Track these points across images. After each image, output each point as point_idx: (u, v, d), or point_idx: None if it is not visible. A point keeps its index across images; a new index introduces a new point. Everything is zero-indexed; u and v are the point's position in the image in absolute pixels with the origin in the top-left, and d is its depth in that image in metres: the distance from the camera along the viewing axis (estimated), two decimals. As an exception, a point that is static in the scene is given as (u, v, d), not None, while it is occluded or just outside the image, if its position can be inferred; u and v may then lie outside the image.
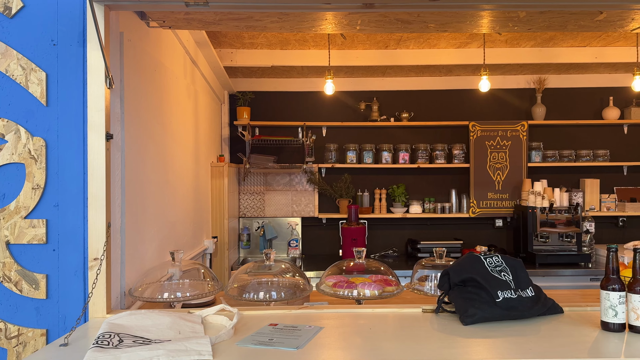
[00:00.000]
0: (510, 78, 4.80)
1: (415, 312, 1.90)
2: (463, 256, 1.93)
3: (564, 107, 4.81)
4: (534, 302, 1.79)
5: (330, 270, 2.31)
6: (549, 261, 4.09)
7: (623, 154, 4.77)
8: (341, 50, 4.11)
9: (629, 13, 2.39)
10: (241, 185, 4.73)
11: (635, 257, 1.60)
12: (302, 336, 1.56)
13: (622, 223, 4.72)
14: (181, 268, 2.24)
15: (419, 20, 2.44)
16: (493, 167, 4.64)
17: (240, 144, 4.65)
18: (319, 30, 2.60)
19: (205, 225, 3.72)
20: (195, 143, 3.41)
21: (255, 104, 4.74)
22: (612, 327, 1.61)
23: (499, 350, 1.48)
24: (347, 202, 4.66)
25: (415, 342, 1.54)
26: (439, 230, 4.82)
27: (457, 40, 3.94)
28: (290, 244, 4.66)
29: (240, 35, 3.77)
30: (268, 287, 2.17)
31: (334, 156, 4.68)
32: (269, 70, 4.43)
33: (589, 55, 4.15)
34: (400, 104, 4.83)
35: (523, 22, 2.51)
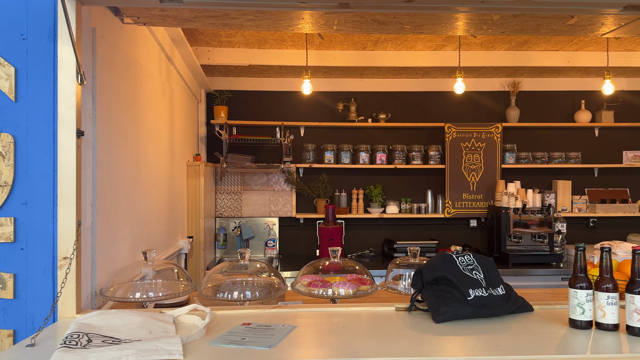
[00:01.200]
0: (485, 81, 4.87)
1: (388, 311, 1.92)
2: (436, 255, 1.95)
3: (537, 110, 4.90)
4: (505, 300, 1.82)
5: (306, 269, 2.31)
6: (522, 261, 4.16)
7: (594, 156, 4.89)
8: (319, 50, 4.11)
9: (599, 18, 2.45)
10: (218, 185, 4.69)
11: (602, 256, 1.64)
12: (275, 335, 1.55)
13: (592, 224, 4.84)
14: (154, 268, 2.21)
15: (395, 21, 2.46)
16: (468, 168, 4.70)
17: (217, 143, 4.61)
18: (296, 29, 2.60)
19: (180, 224, 3.68)
20: (170, 141, 3.37)
21: (233, 103, 4.71)
22: (580, 324, 1.64)
23: (469, 348, 1.50)
24: (325, 202, 4.66)
25: (388, 340, 1.55)
26: (415, 231, 4.87)
27: (434, 42, 3.98)
28: (267, 244, 4.64)
29: (218, 34, 3.74)
30: (242, 287, 2.15)
31: (311, 156, 4.68)
32: (246, 69, 4.41)
33: (561, 59, 4.23)
34: (377, 105, 4.86)
35: (497, 25, 2.55)
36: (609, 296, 1.60)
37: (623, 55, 4.23)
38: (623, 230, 4.80)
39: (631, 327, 1.58)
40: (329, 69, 4.43)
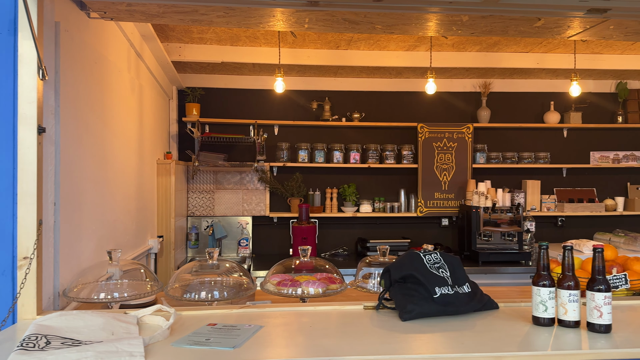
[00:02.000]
0: (457, 81, 4.93)
1: (356, 309, 1.92)
2: (404, 254, 1.96)
3: (507, 110, 4.98)
4: (470, 298, 1.84)
5: (275, 268, 2.29)
6: (492, 259, 4.23)
7: (563, 156, 4.99)
8: (292, 49, 4.10)
9: (565, 20, 2.50)
10: (190, 184, 4.64)
11: (565, 255, 1.67)
12: (241, 335, 1.53)
13: (561, 223, 4.94)
14: (121, 268, 2.17)
15: (366, 21, 2.46)
16: (440, 167, 4.75)
17: (189, 141, 4.56)
18: (267, 26, 2.58)
19: (149, 224, 3.62)
20: (139, 139, 3.31)
21: (205, 101, 4.65)
22: (543, 321, 1.67)
23: (434, 345, 1.51)
24: (299, 201, 4.65)
25: (354, 338, 1.55)
26: (388, 230, 4.89)
27: (406, 42, 4.01)
28: (240, 243, 4.60)
29: (189, 30, 3.69)
30: (210, 287, 2.12)
31: (285, 155, 4.66)
32: (219, 67, 4.36)
33: (531, 61, 4.31)
34: (351, 104, 4.87)
35: (466, 26, 2.58)
36: (570, 294, 1.64)
37: (590, 57, 4.33)
38: (590, 229, 4.92)
39: (591, 324, 1.62)
40: (303, 68, 4.42)
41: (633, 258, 2.25)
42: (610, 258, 2.27)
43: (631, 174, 5.04)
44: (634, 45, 4.13)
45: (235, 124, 4.62)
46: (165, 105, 4.37)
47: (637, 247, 4.24)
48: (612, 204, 4.86)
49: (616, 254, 2.30)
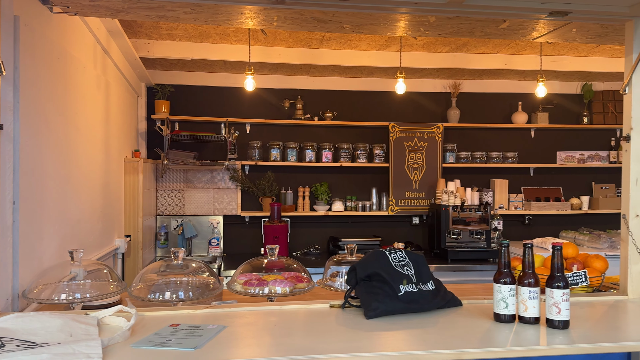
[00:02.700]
0: (427, 82, 4.98)
1: (323, 308, 1.92)
2: (370, 252, 1.97)
3: (476, 111, 5.06)
4: (434, 295, 1.86)
5: (242, 268, 2.28)
6: (460, 257, 4.29)
7: (530, 156, 5.10)
8: (264, 47, 4.07)
9: (529, 23, 2.55)
10: (159, 182, 4.57)
11: (525, 252, 1.71)
12: (203, 336, 1.52)
13: (528, 221, 5.05)
14: (85, 268, 2.12)
15: (335, 20, 2.47)
16: (411, 167, 4.79)
17: (158, 139, 4.49)
18: (235, 24, 2.56)
19: (116, 223, 3.56)
20: (105, 137, 3.25)
21: (175, 98, 4.59)
22: (504, 318, 1.70)
23: (396, 343, 1.52)
24: (271, 200, 4.63)
25: (318, 337, 1.55)
26: (360, 228, 4.92)
27: (377, 42, 4.03)
28: (211, 243, 4.56)
29: (158, 26, 3.64)
30: (176, 287, 2.10)
31: (257, 153, 4.64)
32: (189, 63, 4.31)
33: (499, 62, 4.39)
34: (324, 103, 4.87)
35: (434, 27, 2.60)
36: (530, 290, 1.67)
37: (556, 59, 4.43)
38: (556, 227, 5.04)
39: (550, 320, 1.65)
40: (275, 66, 4.40)
41: (593, 255, 2.31)
42: (571, 255, 2.32)
43: (596, 174, 5.18)
44: (598, 48, 4.24)
45: (206, 122, 4.58)
46: (134, 103, 4.30)
47: (600, 245, 4.36)
48: (578, 202, 4.99)
49: (577, 251, 2.36)
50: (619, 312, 1.93)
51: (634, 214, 2.13)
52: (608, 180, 5.16)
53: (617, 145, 5.13)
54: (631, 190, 2.14)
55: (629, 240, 2.13)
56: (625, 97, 2.16)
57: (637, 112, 2.14)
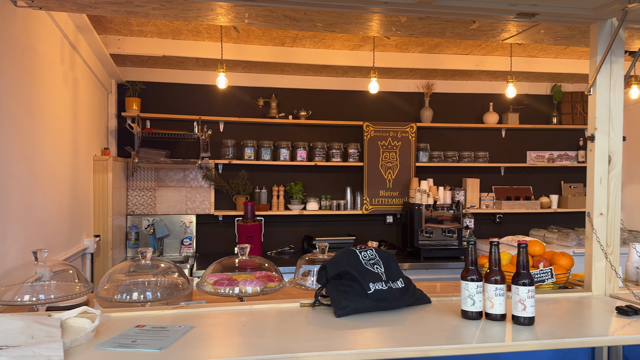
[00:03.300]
0: (401, 82, 5.02)
1: (293, 307, 1.91)
2: (340, 251, 1.97)
3: (449, 111, 5.12)
4: (403, 293, 1.87)
5: (213, 268, 2.26)
6: (433, 255, 4.33)
7: (501, 155, 5.19)
8: (237, 44, 4.04)
9: (498, 24, 2.59)
10: (130, 181, 4.49)
11: (491, 250, 1.73)
12: (169, 337, 1.50)
13: (499, 219, 5.13)
14: (51, 269, 2.07)
15: (307, 18, 2.46)
16: (385, 166, 4.82)
17: (129, 136, 4.41)
18: (206, 20, 2.53)
19: (85, 223, 3.48)
20: (73, 134, 3.17)
21: (146, 95, 4.52)
22: (471, 315, 1.72)
23: (364, 341, 1.52)
24: (245, 199, 4.60)
25: (287, 336, 1.54)
26: (334, 227, 4.93)
27: (351, 42, 4.04)
28: (183, 243, 4.50)
29: (128, 22, 3.57)
30: (144, 287, 2.06)
31: (231, 152, 4.60)
32: (161, 60, 4.25)
33: (471, 62, 4.44)
34: (298, 102, 4.86)
35: (405, 27, 2.62)
36: (497, 288, 1.69)
37: (526, 60, 4.51)
38: (526, 226, 5.13)
39: (516, 317, 1.68)
40: (249, 64, 4.37)
41: (559, 253, 2.36)
42: (538, 253, 2.37)
43: (565, 173, 5.30)
44: (566, 50, 4.34)
45: (178, 120, 4.52)
46: (104, 100, 4.21)
47: (569, 243, 4.46)
48: (547, 201, 5.09)
49: (544, 249, 2.40)
50: (584, 308, 1.97)
51: (598, 212, 2.18)
52: (576, 180, 5.28)
53: (585, 145, 5.26)
54: (595, 189, 2.19)
55: (593, 238, 2.18)
56: (590, 97, 2.21)
57: (601, 112, 2.19)
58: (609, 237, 2.19)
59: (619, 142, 2.22)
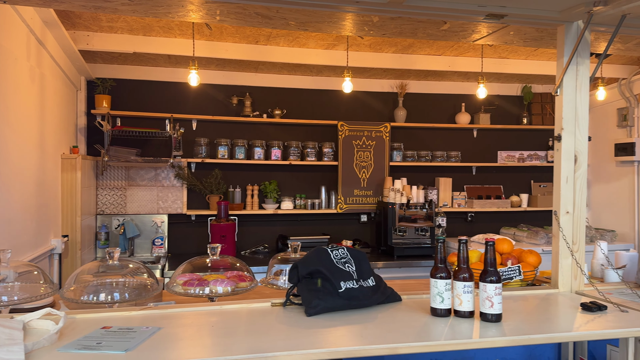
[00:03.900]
0: (375, 82, 5.04)
1: (264, 307, 1.90)
2: (312, 250, 1.97)
3: (422, 111, 5.17)
4: (374, 291, 1.88)
5: (183, 268, 2.23)
6: (406, 253, 4.37)
7: (472, 155, 5.26)
8: (210, 41, 4.00)
9: (469, 25, 2.62)
10: (99, 180, 4.40)
11: (460, 248, 1.75)
12: (136, 338, 1.47)
13: (470, 218, 5.21)
14: (16, 270, 2.01)
15: (279, 16, 2.45)
16: (359, 165, 4.84)
17: (99, 135, 4.32)
18: (176, 17, 2.49)
19: (53, 223, 3.40)
20: (40, 132, 3.09)
21: (117, 92, 4.44)
22: (440, 312, 1.74)
23: (334, 339, 1.52)
24: (218, 198, 4.56)
25: (256, 336, 1.53)
26: (309, 226, 4.92)
27: (325, 41, 4.04)
28: (154, 243, 4.44)
29: (97, 18, 3.50)
30: (111, 288, 2.02)
31: (204, 151, 4.55)
32: (132, 57, 4.17)
33: (443, 63, 4.49)
34: (273, 100, 4.84)
35: (377, 27, 2.63)
36: (465, 285, 1.71)
37: (497, 62, 4.59)
38: (497, 224, 5.22)
39: (484, 314, 1.70)
40: (223, 62, 4.33)
41: (527, 251, 2.41)
42: (507, 251, 2.41)
43: (534, 172, 5.41)
44: (536, 52, 4.42)
45: (149, 118, 4.45)
46: (72, 97, 4.12)
47: (538, 241, 4.55)
48: (517, 200, 5.19)
49: (512, 247, 2.45)
50: (550, 304, 2.01)
51: (564, 210, 2.23)
52: (546, 179, 5.39)
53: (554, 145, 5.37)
54: (562, 188, 2.24)
55: (559, 235, 2.23)
56: (557, 98, 2.26)
57: (568, 113, 2.24)
58: (575, 235, 2.24)
59: (584, 142, 2.27)
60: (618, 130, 4.98)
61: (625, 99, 4.84)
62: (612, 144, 4.98)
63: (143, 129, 4.26)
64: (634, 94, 4.79)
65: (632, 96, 4.80)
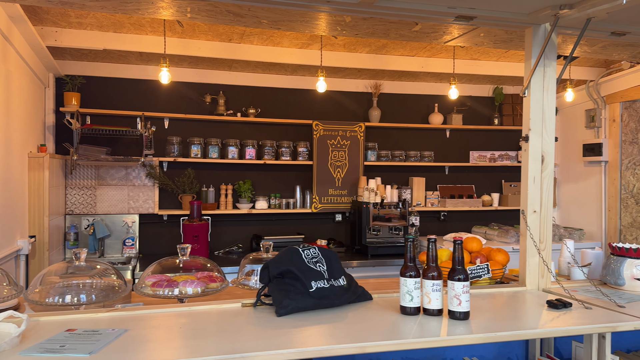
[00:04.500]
0: (349, 81, 5.06)
1: (234, 307, 1.89)
2: (283, 249, 1.96)
3: (396, 111, 5.21)
4: (345, 290, 1.89)
5: (152, 268, 2.19)
6: (380, 252, 4.40)
7: (445, 155, 5.33)
8: (182, 39, 3.95)
9: (440, 26, 2.65)
10: (68, 179, 4.30)
11: (429, 247, 1.77)
12: (101, 340, 1.44)
13: (443, 217, 5.27)
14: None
15: (251, 14, 2.43)
16: (334, 164, 4.85)
17: (68, 133, 4.23)
18: (146, 14, 2.45)
19: (19, 223, 3.31)
20: (5, 130, 3.00)
21: (87, 90, 4.34)
22: (409, 310, 1.76)
23: (304, 339, 1.52)
24: (191, 197, 4.51)
25: (225, 337, 1.52)
26: (283, 226, 4.91)
27: (299, 40, 4.03)
28: (125, 243, 4.36)
29: (66, 13, 3.42)
30: (78, 290, 1.98)
31: (176, 150, 4.49)
32: (102, 54, 4.09)
33: (416, 64, 4.54)
34: (247, 99, 4.81)
35: (350, 27, 2.64)
36: (434, 283, 1.73)
37: (469, 63, 4.65)
38: (469, 223, 5.30)
39: (452, 312, 1.73)
40: (195, 59, 4.28)
41: (496, 249, 2.45)
42: (476, 249, 2.44)
43: (505, 172, 5.50)
44: (507, 53, 4.50)
45: (120, 116, 4.37)
46: (40, 94, 4.01)
47: (508, 240, 4.64)
48: (489, 199, 5.27)
49: (481, 245, 2.48)
50: (518, 302, 2.05)
51: (531, 209, 2.28)
52: (516, 179, 5.49)
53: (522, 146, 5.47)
54: (529, 187, 2.28)
55: (527, 234, 2.27)
56: (525, 99, 2.31)
57: (535, 114, 2.28)
58: (541, 234, 2.28)
59: (551, 142, 2.32)
60: (586, 131, 5.11)
61: (593, 100, 4.96)
62: (581, 144, 5.10)
63: (114, 127, 4.18)
64: (601, 95, 4.92)
65: (599, 98, 4.92)
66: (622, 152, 4.80)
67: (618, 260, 2.26)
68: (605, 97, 4.89)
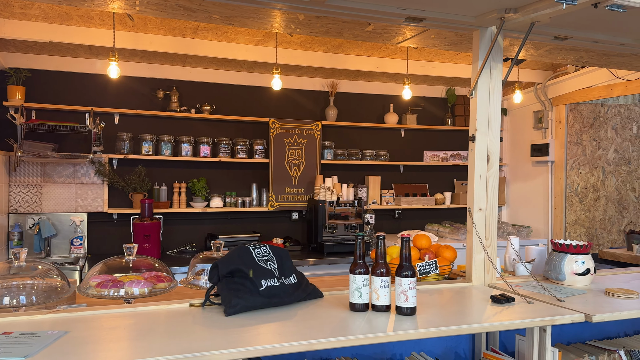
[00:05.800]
0: (306, 80, 5.06)
1: (182, 307, 1.86)
2: (234, 248, 1.94)
3: (353, 110, 5.26)
4: (295, 288, 1.89)
5: (98, 268, 2.13)
6: (335, 250, 4.43)
7: (400, 154, 5.41)
8: (133, 32, 3.84)
9: (392, 27, 2.68)
10: (12, 176, 4.11)
11: (378, 244, 1.79)
12: (38, 343, 1.38)
13: (398, 215, 5.36)
14: None
15: (202, 9, 2.39)
16: (291, 163, 4.84)
17: (11, 128, 4.04)
18: (93, 5, 2.37)
19: (-45, 222, 3.14)
20: (-60, 124, 2.84)
21: (32, 84, 4.17)
22: (358, 307, 1.77)
23: (251, 338, 1.51)
24: (142, 196, 4.40)
25: (169, 338, 1.49)
26: (239, 224, 4.86)
27: (255, 37, 4.00)
28: (73, 243, 4.21)
29: (9, 4, 3.26)
30: (17, 291, 1.90)
31: (127, 146, 4.37)
32: (49, 47, 3.93)
33: (372, 64, 4.59)
34: (201, 95, 4.74)
35: (303, 25, 2.64)
36: (382, 280, 1.76)
37: (422, 64, 4.74)
38: (423, 221, 5.41)
39: (399, 307, 1.76)
40: (147, 54, 4.18)
41: (444, 246, 2.51)
42: (425, 246, 2.50)
43: (457, 171, 5.64)
44: (459, 55, 4.62)
45: (68, 111, 4.21)
46: (-19, 87, 3.82)
47: (459, 237, 4.76)
48: (441, 198, 5.39)
49: (430, 242, 2.54)
50: (464, 297, 2.11)
51: (477, 207, 2.34)
52: (468, 178, 5.64)
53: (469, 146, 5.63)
54: (475, 186, 2.35)
55: (473, 231, 2.33)
56: (472, 100, 2.37)
57: (481, 115, 2.35)
58: (487, 231, 2.35)
59: (496, 142, 2.39)
60: (534, 132, 5.31)
61: (540, 102, 5.16)
62: (529, 144, 5.30)
63: (61, 123, 4.03)
64: (548, 98, 5.12)
65: (546, 100, 5.12)
66: (568, 153, 5.01)
67: (559, 257, 2.36)
68: (552, 99, 5.10)
